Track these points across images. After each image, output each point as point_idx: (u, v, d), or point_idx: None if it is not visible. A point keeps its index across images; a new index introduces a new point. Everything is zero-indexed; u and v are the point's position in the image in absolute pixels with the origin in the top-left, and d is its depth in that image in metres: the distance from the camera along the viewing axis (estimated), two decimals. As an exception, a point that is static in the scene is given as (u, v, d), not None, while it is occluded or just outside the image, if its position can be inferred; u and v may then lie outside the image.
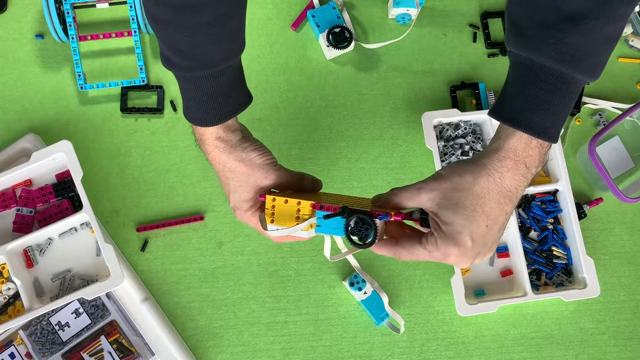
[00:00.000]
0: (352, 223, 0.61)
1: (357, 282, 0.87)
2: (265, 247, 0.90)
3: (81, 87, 0.92)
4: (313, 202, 0.63)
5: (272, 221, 0.67)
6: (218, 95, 0.64)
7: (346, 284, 0.88)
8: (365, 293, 0.87)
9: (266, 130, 0.94)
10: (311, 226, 0.66)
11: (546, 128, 0.58)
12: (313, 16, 0.96)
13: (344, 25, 0.95)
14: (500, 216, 0.59)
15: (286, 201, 0.65)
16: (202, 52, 0.62)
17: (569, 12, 0.55)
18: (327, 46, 0.94)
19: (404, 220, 0.63)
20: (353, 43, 0.95)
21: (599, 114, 0.97)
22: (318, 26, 0.95)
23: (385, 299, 0.77)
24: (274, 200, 0.66)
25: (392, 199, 0.62)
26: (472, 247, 0.58)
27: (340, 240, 0.70)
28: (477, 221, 0.58)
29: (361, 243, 0.61)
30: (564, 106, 0.59)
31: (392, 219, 0.61)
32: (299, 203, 0.64)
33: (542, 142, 0.58)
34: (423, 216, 0.62)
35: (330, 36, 0.94)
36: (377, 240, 0.61)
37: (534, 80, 0.58)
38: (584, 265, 0.88)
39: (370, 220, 0.60)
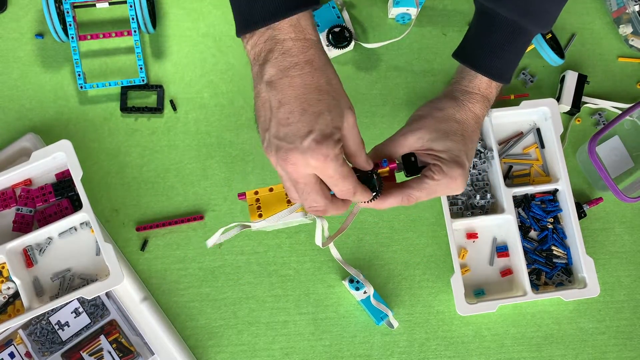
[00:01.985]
0: None
1: (357, 282, 0.87)
2: (264, 247, 0.90)
3: (81, 87, 0.92)
4: None
5: (260, 215, 0.65)
6: None
7: (346, 283, 0.88)
8: (365, 292, 0.87)
9: (266, 129, 0.94)
10: (302, 208, 0.65)
11: (501, 72, 0.69)
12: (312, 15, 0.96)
13: (344, 25, 0.95)
14: (475, 136, 0.68)
15: (271, 189, 0.63)
16: None
17: None
18: (327, 46, 0.94)
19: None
20: (353, 43, 0.95)
21: (599, 114, 0.97)
22: (318, 25, 0.95)
23: (370, 291, 0.76)
24: (256, 193, 0.64)
25: (379, 154, 0.66)
26: (468, 165, 0.66)
27: (327, 227, 0.68)
28: (465, 142, 0.66)
29: (373, 194, 0.61)
30: (517, 53, 0.70)
31: (388, 167, 0.64)
32: None
33: (498, 83, 0.69)
34: (406, 166, 0.66)
35: (330, 36, 0.94)
36: (382, 189, 0.62)
37: (494, 29, 0.68)
38: (584, 264, 0.87)
39: (370, 173, 0.61)
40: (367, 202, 0.62)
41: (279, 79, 0.52)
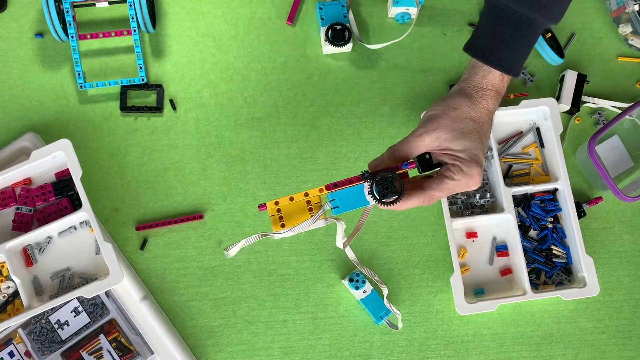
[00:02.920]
0: (375, 186, 0.63)
1: (357, 281, 0.87)
2: (264, 246, 0.90)
3: (81, 86, 0.92)
4: (321, 187, 0.64)
5: (283, 225, 0.66)
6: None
7: (345, 282, 0.88)
8: (364, 292, 0.87)
9: (266, 129, 0.94)
10: (326, 213, 0.66)
11: (512, 65, 0.70)
12: (320, 8, 0.96)
13: (347, 25, 0.95)
14: (489, 131, 0.70)
15: (291, 199, 0.64)
16: None
17: None
18: (325, 40, 0.94)
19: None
20: (350, 44, 0.95)
21: (599, 113, 0.97)
22: (322, 19, 0.95)
23: (385, 291, 0.77)
24: (276, 204, 0.65)
25: (395, 155, 0.68)
26: (484, 162, 0.68)
27: (341, 231, 0.69)
28: (481, 139, 0.67)
29: (394, 197, 0.63)
30: (528, 46, 0.71)
31: (409, 168, 0.66)
32: (306, 194, 0.63)
33: (509, 77, 0.71)
34: (420, 164, 0.68)
35: (330, 32, 0.94)
36: (404, 192, 0.64)
37: (505, 22, 0.69)
38: (584, 264, 0.87)
39: (391, 175, 0.63)
40: (390, 205, 0.64)
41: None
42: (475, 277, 0.90)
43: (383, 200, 0.64)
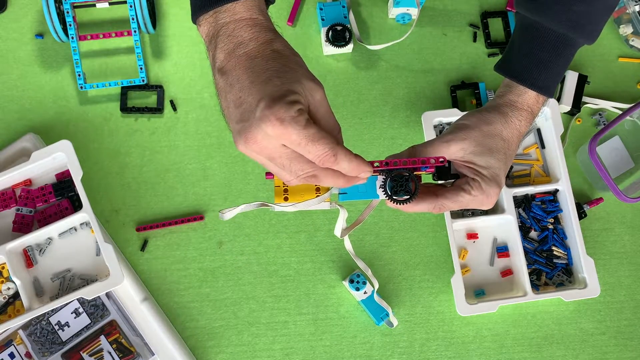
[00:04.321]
0: (389, 181, 0.60)
1: (357, 282, 0.87)
2: (265, 247, 0.90)
3: (81, 87, 0.92)
4: None
5: (286, 198, 0.60)
6: None
7: (346, 283, 0.88)
8: (365, 293, 0.87)
9: (266, 130, 0.94)
10: (333, 197, 0.62)
11: (548, 85, 0.68)
12: (321, 9, 0.96)
13: (348, 26, 0.95)
14: (514, 153, 0.68)
15: None
16: None
17: None
18: (325, 41, 0.94)
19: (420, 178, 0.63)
20: (351, 45, 0.95)
21: (599, 114, 0.97)
22: (323, 20, 0.95)
23: (376, 285, 0.74)
24: None
25: (416, 155, 0.64)
26: (504, 184, 0.66)
27: (342, 219, 0.65)
28: (507, 160, 0.66)
29: (406, 197, 0.60)
30: (564, 66, 0.69)
31: (434, 167, 0.61)
32: None
33: (544, 97, 0.68)
34: (439, 171, 0.66)
35: (330, 32, 0.94)
36: (417, 194, 0.60)
37: (542, 43, 0.66)
38: (584, 265, 0.87)
39: (408, 173, 0.60)
40: (399, 203, 0.60)
41: (227, 62, 0.50)
42: (476, 278, 0.90)
43: (394, 197, 0.60)
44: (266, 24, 0.52)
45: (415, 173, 0.60)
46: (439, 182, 0.67)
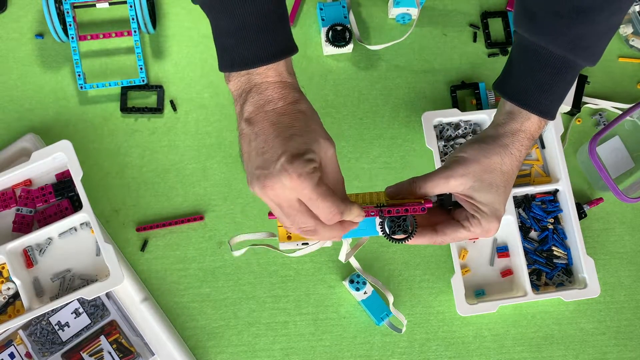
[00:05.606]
0: (387, 221, 0.62)
1: (357, 282, 0.87)
2: (264, 247, 0.90)
3: (81, 87, 0.92)
4: None
5: (289, 237, 0.65)
6: (275, 20, 0.56)
7: (346, 283, 0.88)
8: (365, 293, 0.87)
9: (266, 130, 0.94)
10: None
11: (550, 109, 0.66)
12: (321, 9, 0.96)
13: (348, 26, 0.95)
14: (513, 181, 0.66)
15: None
16: None
17: (580, 4, 0.60)
18: (325, 41, 0.94)
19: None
20: (351, 45, 0.95)
21: (599, 114, 0.97)
22: (323, 20, 0.95)
23: (390, 299, 0.76)
24: None
25: (417, 189, 0.65)
26: (504, 213, 0.65)
27: (346, 247, 0.69)
28: (506, 192, 0.65)
29: (404, 236, 0.62)
30: (566, 89, 0.66)
31: (426, 210, 0.62)
32: None
33: (546, 120, 0.66)
34: (440, 197, 0.67)
35: (330, 32, 0.94)
36: (415, 231, 0.63)
37: (542, 65, 0.64)
38: (584, 265, 0.87)
39: (406, 216, 0.62)
40: (399, 242, 0.63)
41: (256, 114, 0.55)
42: (476, 278, 0.90)
43: (393, 237, 0.63)
44: (293, 84, 0.57)
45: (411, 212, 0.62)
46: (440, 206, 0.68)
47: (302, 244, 0.67)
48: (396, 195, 0.66)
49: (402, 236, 0.63)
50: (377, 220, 0.62)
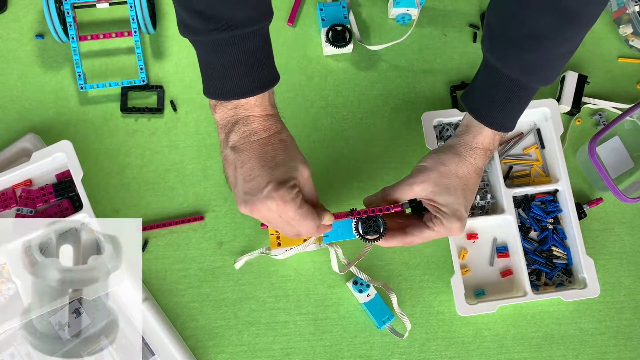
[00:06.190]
0: (360, 223, 0.72)
1: (361, 284, 0.87)
2: (264, 247, 0.90)
3: (81, 87, 0.92)
4: None
5: (279, 244, 0.80)
6: (262, 57, 0.62)
7: (350, 284, 0.88)
8: (368, 295, 0.87)
9: (266, 130, 0.94)
10: (318, 240, 0.79)
11: (504, 124, 0.73)
12: (321, 9, 0.96)
13: (348, 26, 0.95)
14: (475, 186, 0.74)
15: None
16: (226, 12, 0.58)
17: (530, 32, 0.65)
18: (325, 41, 0.94)
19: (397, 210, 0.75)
20: (351, 45, 0.95)
21: (599, 114, 0.97)
22: (323, 20, 0.95)
23: (394, 300, 0.82)
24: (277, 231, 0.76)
25: (387, 196, 0.73)
26: (466, 216, 0.72)
27: (341, 253, 0.81)
28: (465, 195, 0.72)
29: (375, 236, 0.72)
30: (521, 106, 0.73)
31: (392, 211, 0.72)
32: None
33: (500, 135, 0.74)
34: (412, 205, 0.76)
35: (330, 33, 0.94)
36: (385, 232, 0.72)
37: (497, 84, 0.70)
38: (584, 265, 0.88)
39: (376, 216, 0.72)
40: (372, 242, 0.72)
41: (242, 144, 0.62)
42: (475, 278, 0.90)
43: (365, 237, 0.72)
44: (275, 116, 0.64)
45: (382, 215, 0.72)
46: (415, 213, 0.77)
47: (288, 249, 0.83)
48: (371, 203, 0.75)
49: (374, 236, 0.72)
50: (353, 224, 0.72)
